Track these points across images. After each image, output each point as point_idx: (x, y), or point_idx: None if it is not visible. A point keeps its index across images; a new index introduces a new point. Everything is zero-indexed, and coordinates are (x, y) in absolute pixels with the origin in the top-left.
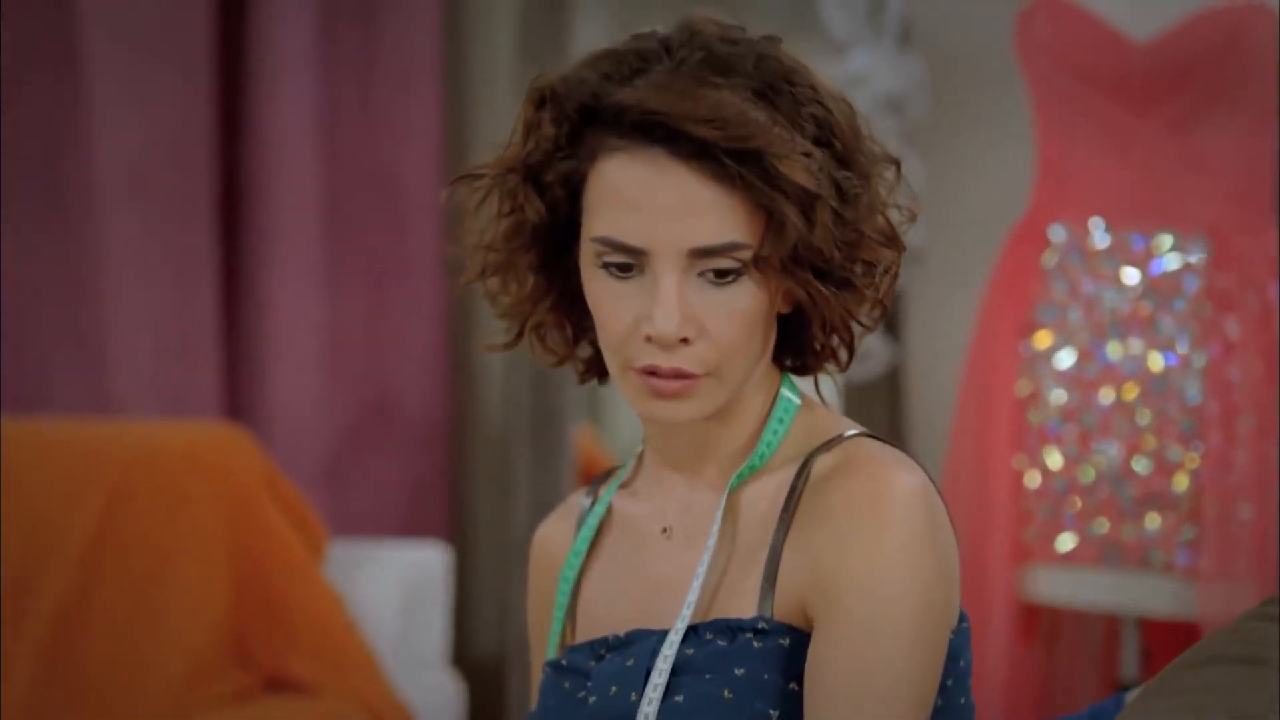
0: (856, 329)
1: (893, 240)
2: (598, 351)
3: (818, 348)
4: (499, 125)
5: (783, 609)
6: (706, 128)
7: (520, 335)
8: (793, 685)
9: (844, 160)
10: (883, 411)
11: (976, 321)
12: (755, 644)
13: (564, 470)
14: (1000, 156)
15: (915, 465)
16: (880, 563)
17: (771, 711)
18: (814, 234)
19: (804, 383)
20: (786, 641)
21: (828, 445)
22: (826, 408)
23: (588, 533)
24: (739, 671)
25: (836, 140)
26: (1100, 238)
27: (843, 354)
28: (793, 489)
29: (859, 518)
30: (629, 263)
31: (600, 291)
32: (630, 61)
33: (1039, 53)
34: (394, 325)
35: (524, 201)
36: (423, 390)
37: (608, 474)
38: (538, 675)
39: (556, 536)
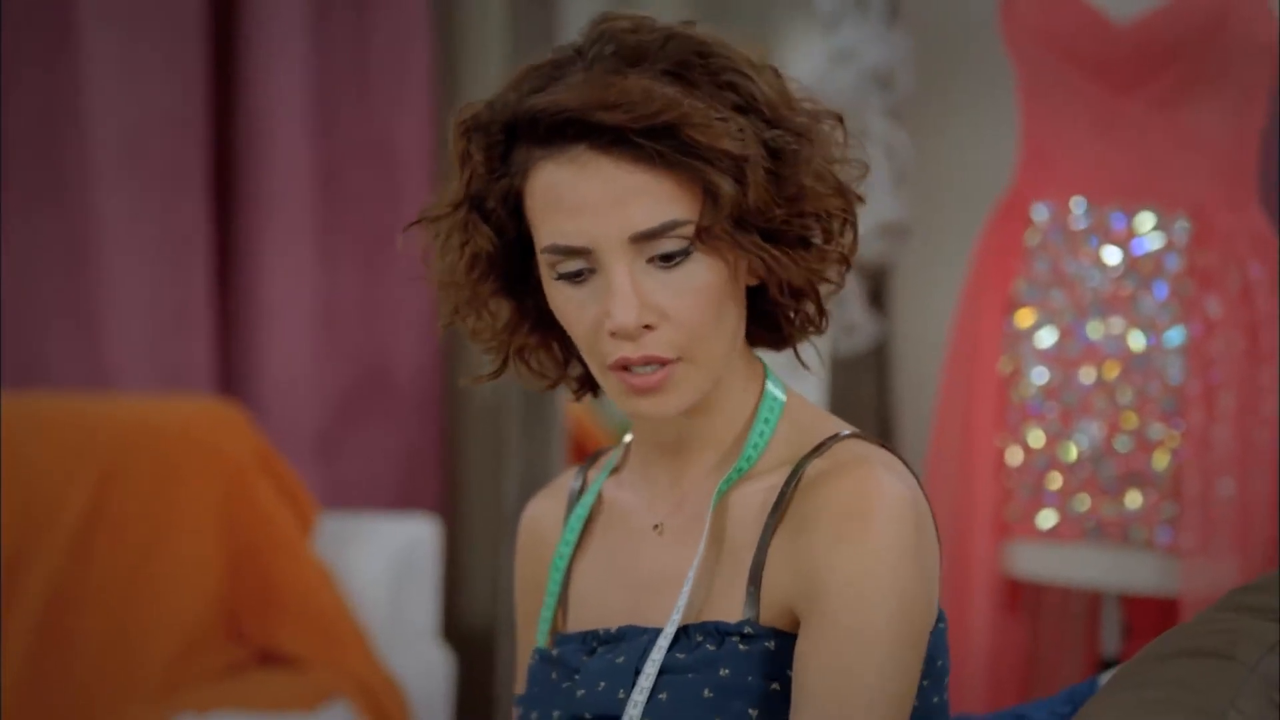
0: (825, 289)
1: (840, 189)
2: (588, 367)
3: (789, 315)
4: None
5: (768, 612)
6: (616, 113)
7: (504, 365)
8: (774, 686)
9: (772, 122)
10: (869, 386)
11: (959, 299)
12: (741, 647)
13: (556, 442)
14: (988, 131)
15: (903, 468)
16: (863, 567)
17: (751, 711)
18: (749, 195)
19: (782, 359)
20: (772, 645)
21: (819, 449)
22: (812, 405)
23: (577, 522)
24: (723, 673)
25: (760, 104)
26: (1082, 216)
27: (817, 317)
28: (782, 494)
29: (844, 522)
30: (580, 267)
31: (562, 302)
32: (545, 72)
33: (1022, 32)
34: (387, 298)
35: (473, 232)
36: (415, 362)
37: (596, 456)
38: (524, 654)
39: (545, 517)
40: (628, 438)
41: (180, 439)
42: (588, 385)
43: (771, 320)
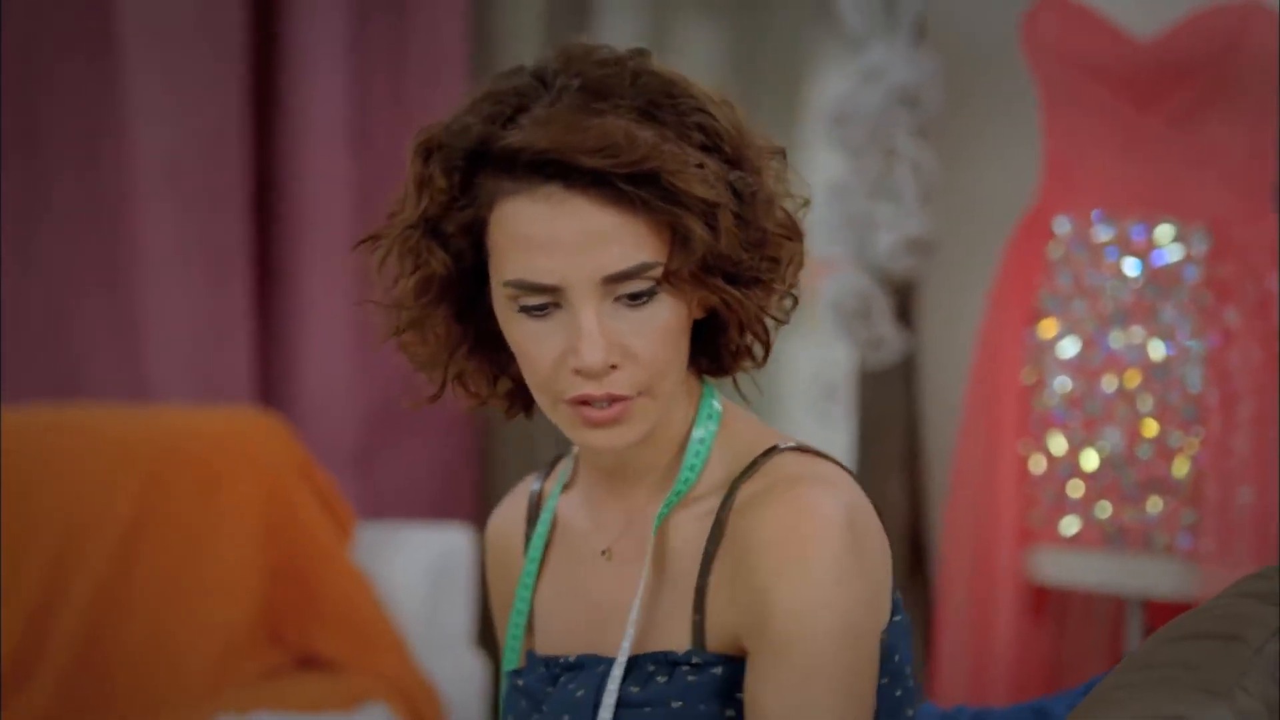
0: (771, 324)
1: (794, 231)
2: (517, 386)
3: (734, 349)
4: None
5: (715, 640)
6: (598, 158)
7: (444, 384)
8: (729, 712)
9: (734, 161)
10: (897, 400)
11: (984, 311)
12: (690, 678)
13: None
14: (1012, 148)
15: (836, 479)
16: (804, 599)
17: None
18: (720, 241)
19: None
20: (720, 671)
21: (751, 469)
22: (747, 414)
23: (539, 540)
24: (676, 705)
25: (724, 143)
26: (1103, 229)
27: (758, 350)
28: (718, 520)
29: (780, 555)
30: (544, 302)
31: (520, 334)
32: (510, 101)
33: (1045, 50)
34: None
35: (428, 256)
36: None
37: (554, 463)
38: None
39: (508, 529)
40: (576, 449)
41: (222, 448)
42: (518, 404)
43: (714, 349)
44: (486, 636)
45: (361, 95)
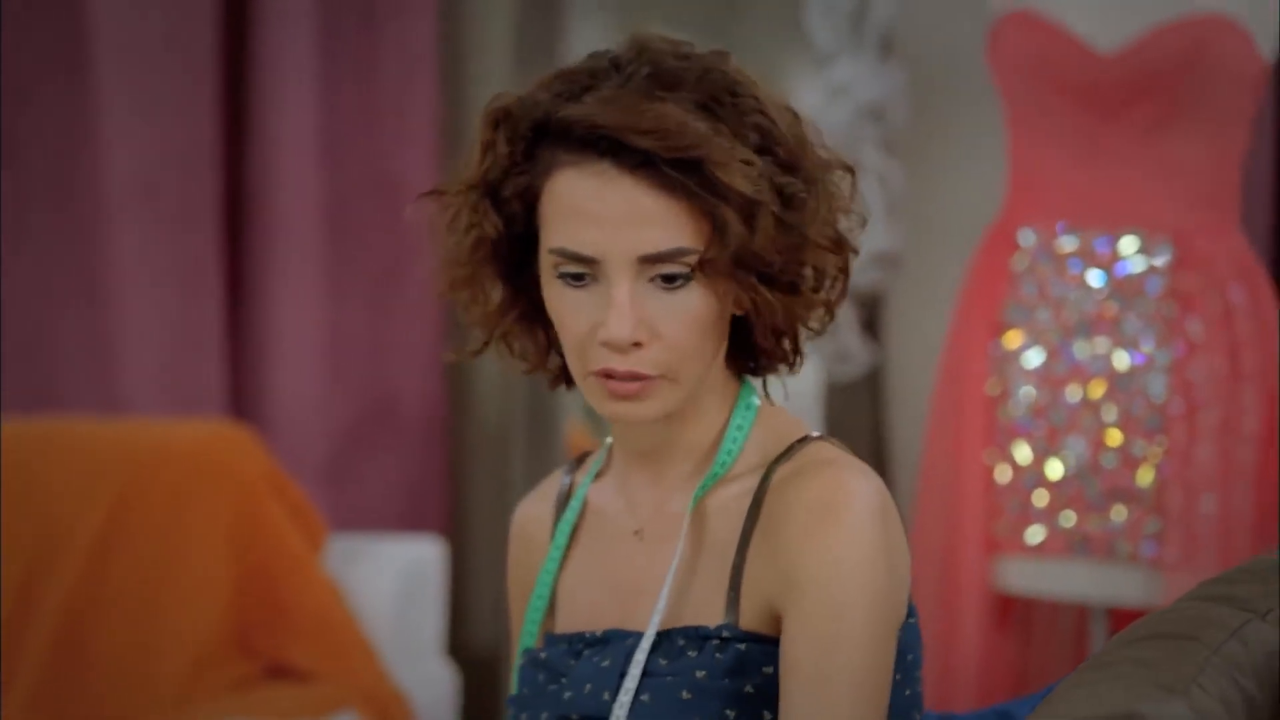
0: (804, 333)
1: (839, 245)
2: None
3: (763, 349)
4: None
5: (748, 615)
6: (648, 139)
7: (487, 343)
8: (748, 688)
9: (787, 167)
10: (864, 411)
11: (950, 323)
12: (717, 654)
13: (558, 467)
14: (978, 162)
15: (868, 468)
16: (836, 560)
17: (728, 712)
18: (755, 239)
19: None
20: (744, 648)
21: (788, 453)
22: (784, 410)
23: (566, 526)
24: (699, 675)
25: (779, 148)
26: (1068, 241)
27: (791, 356)
28: (755, 499)
29: (815, 519)
30: (583, 272)
31: (558, 301)
32: (581, 79)
33: (1010, 64)
34: (394, 326)
35: (482, 217)
36: (421, 390)
37: (582, 458)
38: (516, 651)
39: (537, 517)
40: (609, 440)
41: (192, 460)
42: (563, 377)
43: (750, 348)
44: (455, 645)
45: (331, 107)
